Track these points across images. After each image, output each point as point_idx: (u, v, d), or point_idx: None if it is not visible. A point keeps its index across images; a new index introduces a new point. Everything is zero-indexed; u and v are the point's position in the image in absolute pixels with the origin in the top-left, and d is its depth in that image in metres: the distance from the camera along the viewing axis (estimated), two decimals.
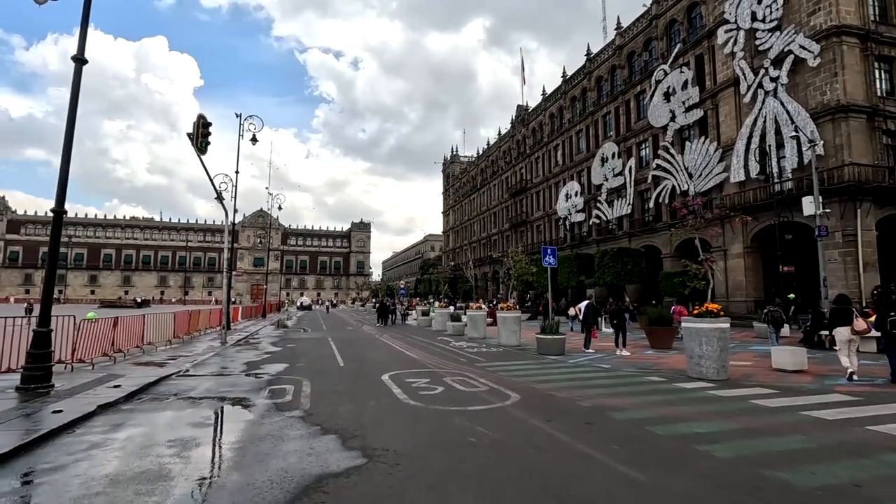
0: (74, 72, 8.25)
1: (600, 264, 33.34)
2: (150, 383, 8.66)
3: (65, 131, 8.18)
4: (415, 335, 21.70)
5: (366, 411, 6.81)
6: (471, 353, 14.50)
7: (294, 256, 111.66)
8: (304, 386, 8.77)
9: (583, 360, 12.56)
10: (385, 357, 13.74)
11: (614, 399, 7.63)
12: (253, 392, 8.26)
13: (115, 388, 7.93)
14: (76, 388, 7.86)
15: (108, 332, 11.88)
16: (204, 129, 12.63)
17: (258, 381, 9.40)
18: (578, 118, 46.40)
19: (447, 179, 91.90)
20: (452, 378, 9.63)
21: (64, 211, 8.25)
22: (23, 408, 6.39)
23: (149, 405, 7.19)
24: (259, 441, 5.30)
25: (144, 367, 10.85)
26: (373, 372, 10.68)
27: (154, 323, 15.23)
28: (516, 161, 60.30)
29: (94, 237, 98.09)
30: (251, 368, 11.23)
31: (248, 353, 14.49)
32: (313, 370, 10.92)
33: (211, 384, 9.07)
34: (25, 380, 7.64)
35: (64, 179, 8.19)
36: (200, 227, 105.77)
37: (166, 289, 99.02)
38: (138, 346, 13.75)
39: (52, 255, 8.10)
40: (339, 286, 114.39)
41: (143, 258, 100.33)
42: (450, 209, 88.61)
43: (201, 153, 12.74)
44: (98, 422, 6.08)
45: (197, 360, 12.55)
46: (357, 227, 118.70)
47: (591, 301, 14.70)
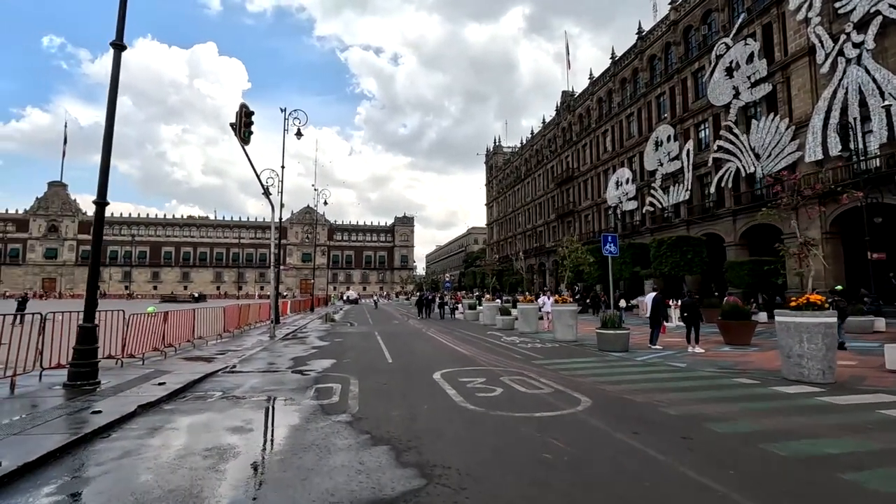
0: (114, 58, 7.95)
1: (656, 254, 31.37)
2: (195, 380, 8.34)
3: (105, 120, 7.90)
4: (463, 329, 20.98)
5: (419, 416, 6.09)
6: (525, 349, 13.59)
7: (340, 251, 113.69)
8: (352, 385, 8.18)
9: (652, 358, 11.38)
10: (434, 353, 13.07)
11: (705, 406, 6.55)
12: (299, 391, 7.75)
13: (159, 386, 7.61)
14: (121, 386, 7.60)
15: (159, 326, 11.81)
16: (246, 118, 12.32)
17: (304, 379, 8.91)
18: (629, 101, 44.01)
19: (490, 171, 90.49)
20: (510, 378, 8.79)
21: (106, 202, 8.00)
22: (64, 407, 6.10)
23: (191, 405, 6.79)
24: (303, 452, 4.67)
25: (192, 363, 10.67)
26: (423, 369, 10.00)
27: (205, 317, 15.24)
28: (562, 149, 58.24)
29: (155, 236, 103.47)
30: (298, 364, 10.82)
31: (295, 348, 14.20)
32: (361, 367, 10.37)
33: (256, 381, 8.66)
34: (72, 376, 7.45)
35: (105, 169, 7.92)
36: (252, 224, 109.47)
37: (221, 284, 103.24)
38: (189, 340, 13.73)
39: (95, 248, 7.88)
40: (384, 280, 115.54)
41: (200, 255, 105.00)
42: (493, 201, 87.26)
43: (244, 143, 12.44)
44: (136, 424, 5.67)
45: (245, 355, 12.33)
46: (400, 221, 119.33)
47: (660, 293, 13.37)
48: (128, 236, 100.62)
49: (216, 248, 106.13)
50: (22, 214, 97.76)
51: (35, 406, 6.21)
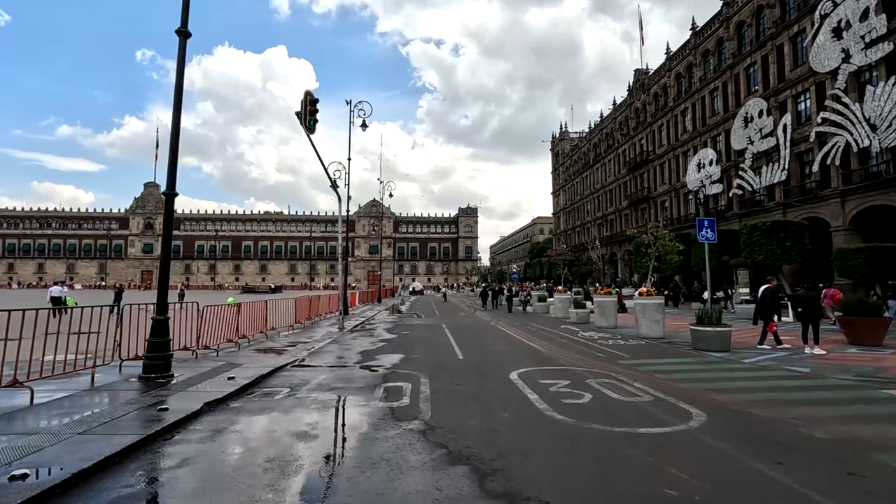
0: (179, 45, 7.79)
1: (748, 241, 28.30)
2: (264, 375, 8.12)
3: (173, 108, 7.77)
4: (533, 323, 19.95)
5: (500, 428, 5.32)
6: (606, 346, 12.41)
7: (405, 243, 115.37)
8: (422, 384, 7.57)
9: (763, 360, 9.84)
10: (507, 349, 12.24)
11: (859, 427, 5.23)
12: (367, 390, 7.25)
13: (228, 381, 7.42)
14: (192, 380, 7.49)
15: (233, 318, 11.92)
16: (311, 106, 12.08)
17: (373, 376, 8.44)
18: (713, 75, 40.23)
19: (556, 158, 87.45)
20: (598, 381, 7.78)
21: (175, 193, 7.91)
22: (133, 403, 5.96)
23: (257, 403, 6.46)
24: (372, 469, 4.06)
25: (264, 355, 10.60)
26: (497, 368, 9.23)
27: (277, 309, 15.41)
28: (635, 132, 54.73)
29: (236, 231, 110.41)
30: (366, 359, 10.44)
31: (363, 341, 13.95)
32: (430, 363, 9.78)
33: (324, 377, 8.30)
34: (146, 369, 7.43)
35: (174, 160, 7.82)
36: (322, 218, 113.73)
37: (295, 276, 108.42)
38: (262, 331, 13.88)
39: (166, 237, 7.81)
40: (449, 271, 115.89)
41: (276, 248, 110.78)
42: (560, 189, 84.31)
43: (310, 131, 12.22)
44: (200, 425, 5.36)
45: (314, 347, 12.19)
46: (464, 212, 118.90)
47: (773, 285, 11.62)
48: (212, 231, 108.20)
49: (290, 242, 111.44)
50: (123, 213, 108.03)
51: (107, 401, 6.13)
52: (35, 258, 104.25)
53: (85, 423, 5.03)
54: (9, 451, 4.14)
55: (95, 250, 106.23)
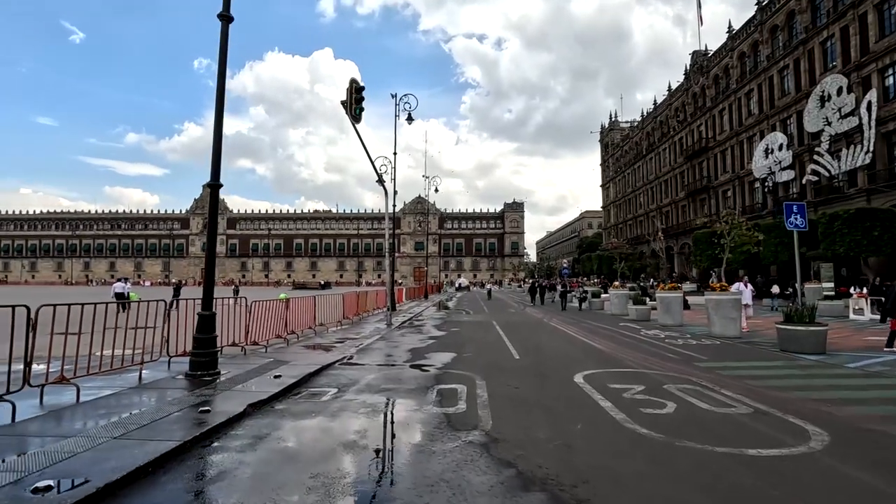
0: (221, 29, 7.48)
1: (828, 231, 25.79)
2: (311, 373, 7.72)
3: (216, 95, 7.48)
4: (589, 320, 18.85)
5: (575, 442, 4.57)
6: (677, 346, 11.29)
7: (451, 239, 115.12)
8: (478, 387, 6.92)
9: (871, 364, 8.51)
10: (566, 348, 11.38)
11: None
12: (419, 393, 6.67)
13: (274, 380, 7.06)
14: (238, 378, 7.18)
15: (282, 314, 11.73)
16: (357, 94, 11.65)
17: (424, 377, 7.87)
18: (782, 52, 37.09)
19: (605, 150, 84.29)
20: (678, 387, 6.85)
21: (219, 184, 7.63)
22: (176, 403, 5.65)
23: (303, 405, 6.02)
24: (429, 493, 3.44)
25: (311, 352, 10.30)
26: (559, 369, 8.44)
27: (325, 305, 15.24)
28: (692, 118, 51.60)
29: (287, 229, 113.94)
30: (416, 357, 9.90)
31: (412, 338, 13.47)
32: (484, 363, 9.11)
33: (373, 377, 7.81)
34: (193, 366, 7.19)
35: (217, 150, 7.53)
36: (369, 215, 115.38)
37: (344, 272, 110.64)
38: (311, 327, 13.69)
39: (211, 230, 7.55)
40: (494, 267, 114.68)
41: (325, 246, 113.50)
42: (610, 181, 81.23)
43: (356, 121, 11.81)
44: (242, 429, 4.95)
45: (362, 344, 11.81)
46: (510, 207, 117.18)
47: None
48: (265, 230, 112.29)
49: (339, 239, 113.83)
50: (184, 214, 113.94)
51: (151, 400, 5.87)
52: (107, 257, 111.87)
53: (124, 425, 4.72)
54: (40, 457, 3.83)
55: (160, 249, 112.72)
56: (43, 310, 5.46)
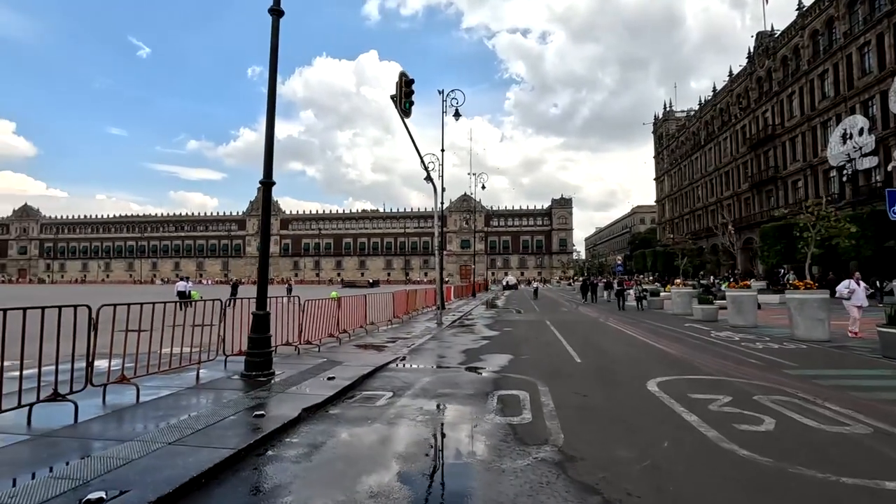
0: (272, 24, 7.35)
1: None
2: (364, 375, 7.48)
3: (268, 91, 7.37)
4: (649, 320, 17.78)
5: (665, 464, 4.00)
6: (755, 349, 10.28)
7: (497, 237, 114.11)
8: (542, 394, 6.41)
9: None
10: (630, 351, 10.62)
11: None
12: (477, 399, 6.25)
13: (328, 382, 6.85)
14: (292, 379, 7.03)
15: (334, 313, 11.65)
16: (406, 87, 11.37)
17: (481, 381, 7.44)
18: (862, 27, 33.83)
19: (659, 141, 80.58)
20: (771, 398, 6.06)
21: (272, 182, 7.51)
22: (231, 406, 5.51)
23: (357, 410, 5.74)
24: None
25: (364, 352, 10.13)
26: (628, 375, 7.78)
27: (376, 303, 15.14)
28: (757, 104, 48.24)
29: (337, 229, 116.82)
30: (470, 359, 9.49)
31: (464, 338, 13.08)
32: (544, 366, 8.57)
33: (428, 380, 7.47)
34: (248, 366, 7.11)
35: (269, 147, 7.42)
36: (415, 214, 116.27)
37: (391, 271, 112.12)
38: (362, 326, 13.60)
39: (265, 227, 7.45)
40: (542, 265, 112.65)
41: (373, 245, 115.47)
42: (664, 174, 77.60)
43: (405, 115, 11.54)
44: (297, 437, 4.71)
45: (414, 344, 11.54)
46: (557, 203, 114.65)
47: None
48: (316, 230, 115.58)
49: (386, 238, 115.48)
50: (241, 216, 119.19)
51: (207, 401, 5.77)
52: (172, 257, 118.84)
53: (179, 429, 4.58)
54: (95, 463, 3.71)
55: (219, 249, 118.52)
56: (105, 309, 5.47)
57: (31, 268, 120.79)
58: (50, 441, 4.30)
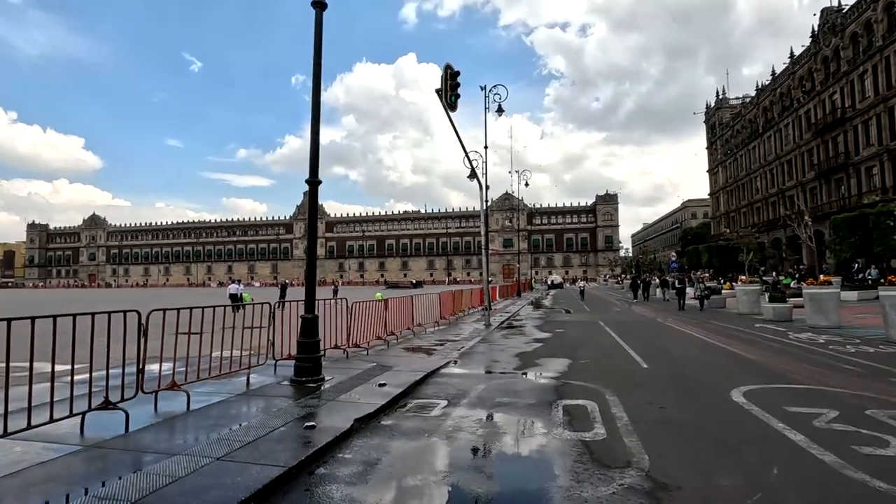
0: (315, 18, 7.10)
1: None
2: (416, 381, 7.09)
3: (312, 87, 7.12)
4: (714, 320, 16.56)
5: (784, 498, 3.34)
6: (847, 353, 9.17)
7: (540, 235, 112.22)
8: (612, 405, 5.80)
9: None
10: (701, 355, 9.74)
11: None
12: (541, 410, 5.72)
13: (379, 389, 6.51)
14: (342, 385, 6.74)
15: (381, 315, 11.40)
16: (452, 80, 10.95)
17: (541, 389, 6.89)
18: None
19: (712, 131, 76.61)
20: (887, 412, 5.20)
21: (318, 181, 7.26)
22: (282, 415, 5.24)
23: (412, 422, 5.35)
24: None
25: (413, 355, 9.78)
26: (705, 383, 7.01)
27: (422, 304, 14.83)
28: (823, 86, 44.75)
29: (379, 231, 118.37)
30: (526, 364, 8.94)
31: (516, 340, 12.52)
32: (608, 372, 7.91)
33: (484, 387, 6.99)
34: (297, 371, 6.89)
35: (315, 146, 7.18)
36: (457, 214, 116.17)
37: (433, 271, 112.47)
38: (409, 328, 13.32)
39: (311, 227, 7.21)
40: (587, 263, 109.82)
41: (415, 245, 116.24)
42: (718, 165, 73.64)
43: (451, 109, 11.12)
44: (349, 451, 4.35)
45: (464, 346, 11.09)
46: (602, 199, 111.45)
47: None
48: (360, 232, 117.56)
49: (428, 239, 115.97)
50: (288, 220, 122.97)
51: (257, 410, 5.54)
52: (226, 261, 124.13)
53: (229, 441, 4.33)
54: (142, 482, 3.47)
55: (269, 252, 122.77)
56: (156, 313, 5.33)
57: (99, 273, 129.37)
58: (100, 453, 4.14)
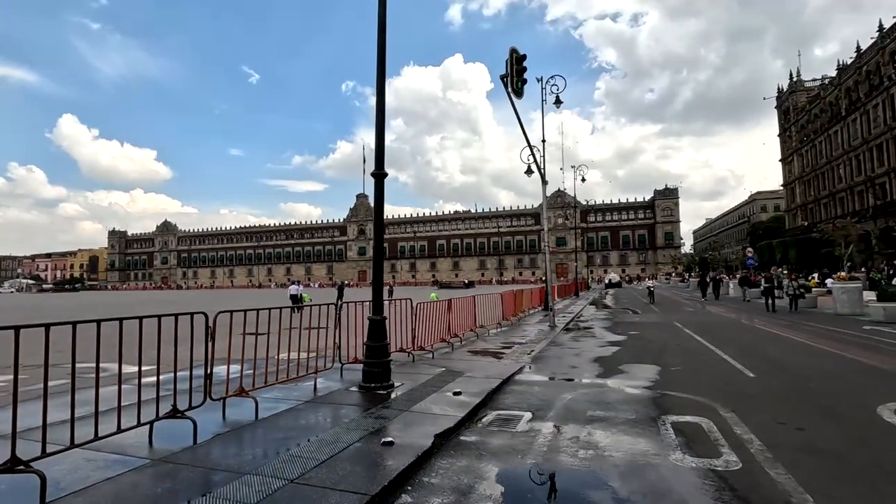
0: (379, 2, 6.64)
1: None
2: (493, 390, 6.46)
3: (376, 77, 6.66)
4: (812, 322, 14.82)
5: None
6: None
7: (595, 233, 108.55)
8: (731, 423, 4.90)
9: None
10: (817, 364, 8.47)
11: None
12: (645, 427, 4.92)
13: (454, 398, 5.94)
14: (414, 393, 6.21)
15: (444, 316, 10.87)
16: (518, 65, 10.22)
17: (637, 400, 6.06)
18: None
19: (785, 116, 70.97)
20: None
21: (384, 173, 6.80)
22: (354, 428, 4.76)
23: (498, 439, 4.71)
24: None
25: (480, 359, 9.16)
26: (837, 397, 5.93)
27: (484, 304, 14.19)
28: None
29: (430, 231, 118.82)
30: (609, 371, 8.08)
31: (587, 343, 11.62)
32: (710, 382, 6.94)
33: (570, 398, 6.25)
34: (366, 377, 6.44)
35: (381, 136, 6.73)
36: (507, 213, 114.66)
37: (485, 271, 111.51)
38: (472, 329, 12.71)
39: (378, 219, 6.76)
40: (646, 261, 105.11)
41: (466, 245, 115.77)
42: (793, 154, 68.06)
43: (517, 96, 10.40)
44: (436, 477, 3.78)
45: (533, 349, 10.35)
46: (661, 194, 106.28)
47: None
48: (411, 233, 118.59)
49: (479, 238, 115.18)
50: (341, 222, 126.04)
51: (328, 421, 5.10)
52: (284, 263, 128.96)
53: (302, 459, 3.88)
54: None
55: (324, 254, 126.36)
56: (222, 316, 5.02)
57: (171, 275, 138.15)
58: (168, 469, 3.80)
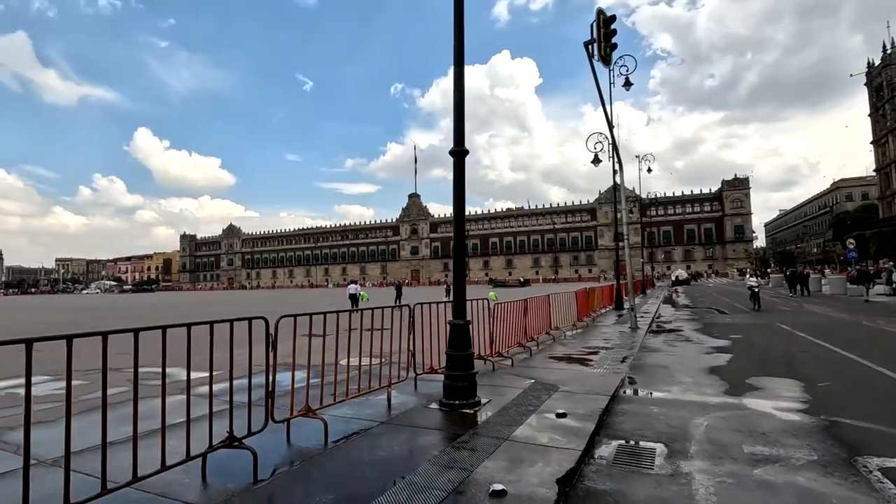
0: None
1: None
2: (602, 411, 5.27)
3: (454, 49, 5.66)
4: None
5: None
6: None
7: (656, 228, 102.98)
8: None
9: None
10: None
11: None
12: (841, 474, 3.58)
13: (559, 421, 4.80)
14: (506, 413, 5.13)
15: (520, 318, 9.75)
16: (605, 28, 8.85)
17: (800, 429, 4.66)
18: None
19: (877, 93, 63.91)
20: None
21: (465, 150, 5.85)
22: (445, 465, 3.75)
23: (639, 487, 3.54)
24: None
25: (567, 366, 7.96)
26: None
27: (558, 304, 12.92)
28: None
29: (482, 229, 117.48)
30: (736, 387, 6.59)
31: (686, 349, 10.08)
32: (881, 401, 5.40)
33: (705, 423, 4.95)
34: (447, 392, 5.44)
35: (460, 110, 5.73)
36: (562, 209, 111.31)
37: (539, 268, 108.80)
38: (547, 332, 11.50)
39: (458, 205, 5.77)
40: (713, 256, 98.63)
41: (519, 243, 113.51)
42: (888, 134, 61.12)
43: (605, 64, 9.06)
44: None
45: (624, 356, 8.98)
46: (729, 185, 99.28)
47: None
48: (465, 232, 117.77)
49: (532, 236, 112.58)
50: (394, 222, 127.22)
51: (409, 450, 4.14)
52: (340, 263, 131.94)
53: None
54: None
55: (377, 254, 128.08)
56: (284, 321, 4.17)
57: (236, 276, 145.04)
58: None
